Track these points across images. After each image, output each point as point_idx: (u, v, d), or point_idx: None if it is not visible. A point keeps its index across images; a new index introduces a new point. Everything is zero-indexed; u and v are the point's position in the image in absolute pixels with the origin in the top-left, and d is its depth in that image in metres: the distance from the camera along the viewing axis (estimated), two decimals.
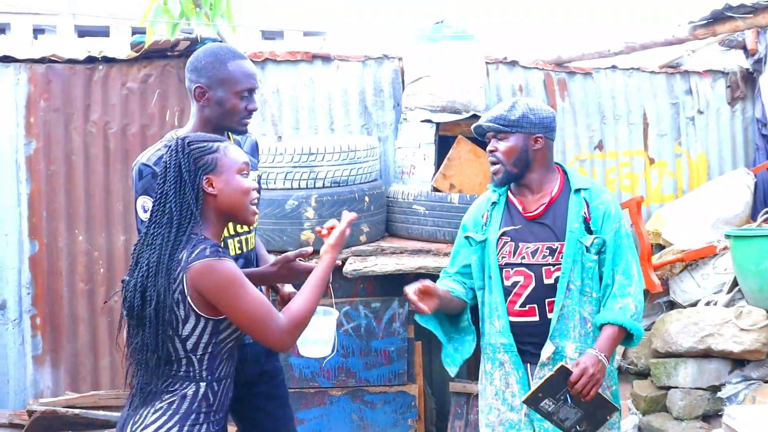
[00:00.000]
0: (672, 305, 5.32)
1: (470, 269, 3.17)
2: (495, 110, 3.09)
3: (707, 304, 5.00)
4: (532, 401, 2.86)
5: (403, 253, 4.84)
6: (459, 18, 5.48)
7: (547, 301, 3.02)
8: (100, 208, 5.34)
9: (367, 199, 4.81)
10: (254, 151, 3.09)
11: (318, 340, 2.97)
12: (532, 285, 3.02)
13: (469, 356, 3.22)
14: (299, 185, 4.68)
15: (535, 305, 3.03)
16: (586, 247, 3.00)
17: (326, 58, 5.67)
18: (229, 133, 2.94)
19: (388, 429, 4.79)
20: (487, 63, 5.68)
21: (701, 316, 4.72)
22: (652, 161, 6.08)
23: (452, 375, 3.29)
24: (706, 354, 4.66)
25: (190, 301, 2.28)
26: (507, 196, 3.14)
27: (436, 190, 4.96)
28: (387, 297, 4.80)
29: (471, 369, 5.68)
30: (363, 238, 4.83)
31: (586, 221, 3.03)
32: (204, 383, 2.34)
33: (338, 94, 5.62)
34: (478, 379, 3.31)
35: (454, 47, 5.22)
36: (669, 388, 4.76)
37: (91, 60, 5.35)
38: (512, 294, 3.05)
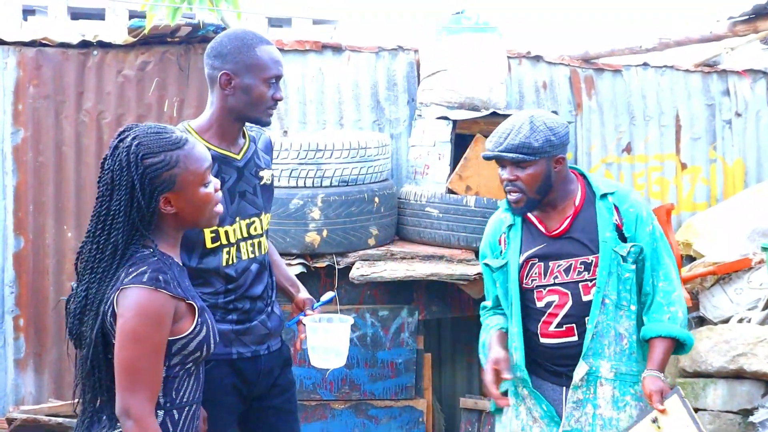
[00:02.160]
0: (702, 321, 5.32)
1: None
2: (511, 136, 2.96)
3: (740, 321, 5.00)
4: None
5: (414, 258, 4.86)
6: (480, 9, 5.50)
7: (585, 319, 3.00)
8: (90, 202, 5.28)
9: (377, 200, 4.84)
10: (268, 148, 3.10)
11: (332, 348, 2.94)
12: (569, 303, 3.00)
13: None
14: (305, 183, 4.71)
15: (573, 324, 3.01)
16: (622, 257, 2.98)
17: (337, 49, 5.70)
18: (244, 129, 2.96)
19: None
20: (509, 57, 5.70)
21: (733, 333, 4.72)
22: (684, 166, 6.08)
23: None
24: (738, 375, 4.66)
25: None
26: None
27: (451, 192, 4.99)
28: (396, 305, 4.83)
29: (483, 385, 5.70)
30: (372, 241, 4.85)
31: (618, 228, 3.01)
32: (162, 411, 2.25)
33: (349, 87, 5.65)
34: (487, 396, 3.34)
35: (475, 40, 5.24)
36: (697, 410, 4.76)
37: (84, 44, 5.38)
38: (546, 315, 3.03)
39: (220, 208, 2.38)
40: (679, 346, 3.01)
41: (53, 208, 5.34)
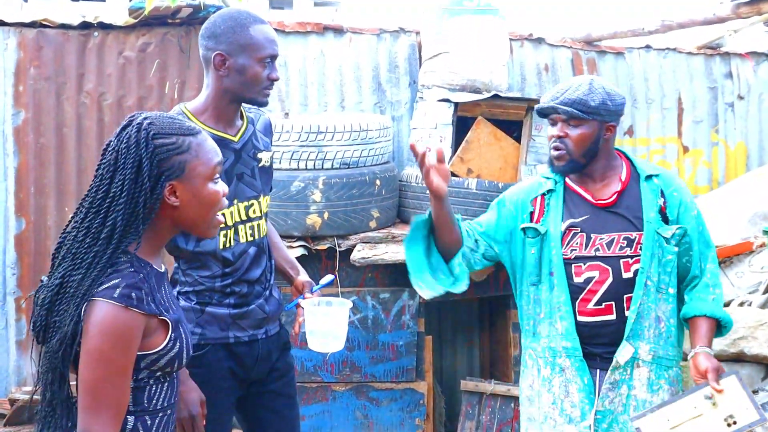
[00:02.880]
0: None
1: (487, 239, 3.08)
2: (569, 91, 2.95)
3: (741, 304, 5.00)
4: None
5: None
6: None
7: (625, 297, 2.96)
8: None
9: (378, 182, 4.82)
10: (267, 130, 3.07)
11: (330, 332, 2.91)
12: (610, 280, 2.96)
13: (452, 289, 3.03)
14: (306, 166, 4.69)
15: (613, 302, 2.97)
16: (666, 238, 2.96)
17: (338, 31, 5.67)
18: (242, 110, 2.94)
19: (394, 428, 4.82)
20: (511, 39, 5.68)
21: (734, 317, 4.70)
22: (686, 150, 6.07)
23: (425, 298, 3.12)
24: (738, 358, 4.65)
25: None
26: (564, 182, 3.07)
27: (452, 174, 4.97)
28: (397, 287, 4.82)
29: (484, 367, 5.71)
30: (373, 224, 4.84)
31: (661, 211, 3.00)
32: (132, 417, 2.07)
33: (350, 69, 5.63)
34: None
35: (476, 22, 5.21)
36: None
37: (85, 26, 5.36)
38: (585, 291, 2.98)
39: (221, 218, 2.24)
40: (718, 329, 3.02)
41: (54, 189, 5.33)
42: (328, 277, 3.10)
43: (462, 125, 5.08)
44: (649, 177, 3.04)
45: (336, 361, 4.75)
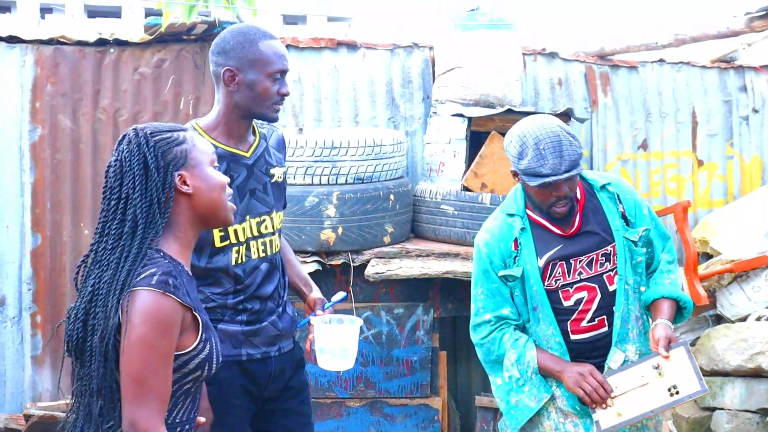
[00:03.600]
0: (719, 319, 5.27)
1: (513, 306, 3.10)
2: (567, 152, 2.87)
3: (758, 319, 4.96)
4: None
5: (429, 256, 4.84)
6: (495, 5, 5.47)
7: (613, 308, 3.03)
8: None
9: (392, 197, 4.81)
10: (281, 146, 3.06)
11: (339, 350, 2.89)
12: (598, 297, 3.02)
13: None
14: (320, 181, 4.69)
15: (604, 316, 3.04)
16: (633, 242, 3.02)
17: (352, 46, 5.68)
18: (254, 125, 2.94)
19: None
20: (524, 54, 5.67)
21: (751, 332, 4.68)
22: (700, 163, 6.03)
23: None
24: (756, 374, 4.61)
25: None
26: (528, 217, 3.07)
27: (466, 189, 4.96)
28: (411, 303, 4.80)
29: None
30: (387, 239, 4.83)
31: (622, 216, 3.06)
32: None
33: (364, 84, 5.63)
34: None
35: (490, 36, 5.21)
36: (714, 409, 4.72)
37: (101, 42, 5.39)
38: (577, 312, 3.03)
39: (232, 204, 2.26)
40: (678, 312, 3.09)
41: (70, 205, 5.35)
42: (340, 294, 3.09)
43: (476, 140, 5.07)
44: (603, 186, 3.09)
45: (350, 377, 4.73)
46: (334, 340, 2.88)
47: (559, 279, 3.02)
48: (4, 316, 5.31)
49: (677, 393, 2.86)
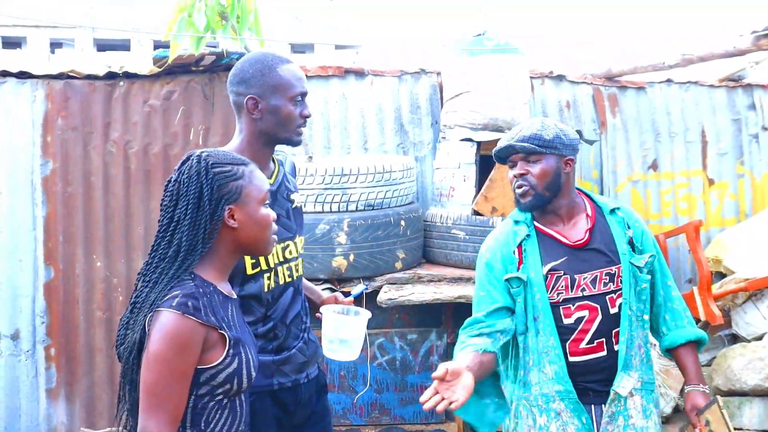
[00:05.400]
0: (735, 339, 5.25)
1: (503, 312, 3.05)
2: (523, 130, 3.04)
3: None
4: None
5: (441, 281, 4.84)
6: (502, 30, 5.50)
7: (613, 332, 3.00)
8: (119, 232, 5.40)
9: (403, 223, 4.82)
10: (293, 172, 3.10)
11: (347, 341, 2.91)
12: (599, 318, 2.99)
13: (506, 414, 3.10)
14: (331, 208, 4.70)
15: (603, 339, 3.00)
16: (639, 268, 3.02)
17: (359, 73, 5.72)
18: (273, 156, 2.96)
19: None
20: (531, 77, 5.69)
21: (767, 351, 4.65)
22: (711, 182, 6.03)
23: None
24: None
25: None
26: (535, 227, 3.09)
27: (477, 213, 4.96)
28: (424, 328, 4.80)
29: None
30: (399, 265, 4.83)
31: (630, 242, 3.06)
32: None
33: (372, 111, 5.66)
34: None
35: (497, 61, 5.23)
36: (733, 430, 4.68)
37: (111, 76, 5.44)
38: (577, 332, 3.00)
39: (275, 237, 2.39)
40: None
41: (82, 237, 5.37)
42: (360, 287, 3.12)
43: (485, 164, 5.08)
44: (613, 210, 3.11)
45: (365, 404, 4.72)
46: (344, 330, 2.90)
47: (562, 292, 3.01)
48: (18, 349, 5.33)
49: None
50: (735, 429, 4.63)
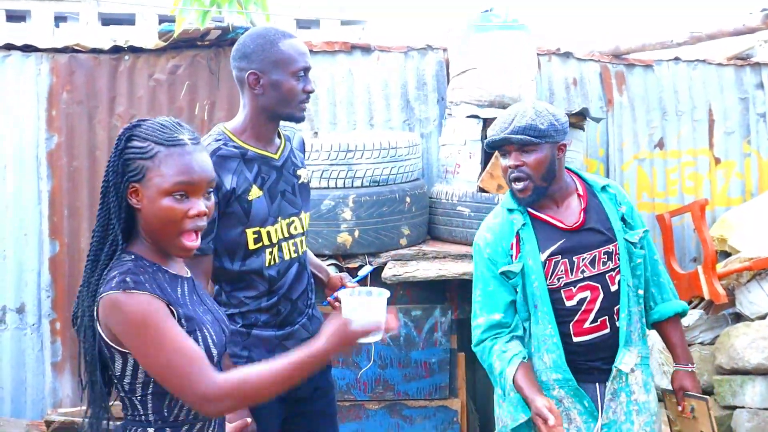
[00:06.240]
0: (738, 318, 5.26)
1: (514, 306, 3.07)
2: (517, 119, 2.98)
3: None
4: None
5: (446, 257, 4.85)
6: (509, 6, 5.48)
7: (615, 308, 3.02)
8: None
9: (408, 199, 4.83)
10: (301, 147, 3.10)
11: (368, 323, 2.92)
12: (601, 296, 3.01)
13: None
14: (336, 184, 4.71)
15: (606, 317, 3.02)
16: (633, 243, 3.04)
17: (366, 49, 5.70)
18: (279, 131, 2.95)
19: None
20: (538, 54, 5.67)
21: None
22: (718, 161, 6.02)
23: None
24: None
25: (104, 337, 2.04)
26: (528, 213, 3.08)
27: (482, 190, 4.97)
28: (428, 304, 4.81)
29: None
30: (403, 241, 4.84)
31: (622, 219, 3.08)
32: (152, 428, 2.09)
33: (378, 87, 5.65)
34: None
35: (504, 37, 5.21)
36: (735, 408, 4.71)
37: (116, 50, 5.43)
38: (580, 312, 3.01)
39: (193, 243, 2.12)
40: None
41: (87, 212, 5.38)
42: (367, 268, 3.12)
43: None
44: (603, 188, 3.12)
45: (369, 380, 4.75)
46: (362, 312, 2.86)
47: (562, 277, 3.01)
48: (23, 323, 5.36)
49: None
50: (738, 407, 4.66)
